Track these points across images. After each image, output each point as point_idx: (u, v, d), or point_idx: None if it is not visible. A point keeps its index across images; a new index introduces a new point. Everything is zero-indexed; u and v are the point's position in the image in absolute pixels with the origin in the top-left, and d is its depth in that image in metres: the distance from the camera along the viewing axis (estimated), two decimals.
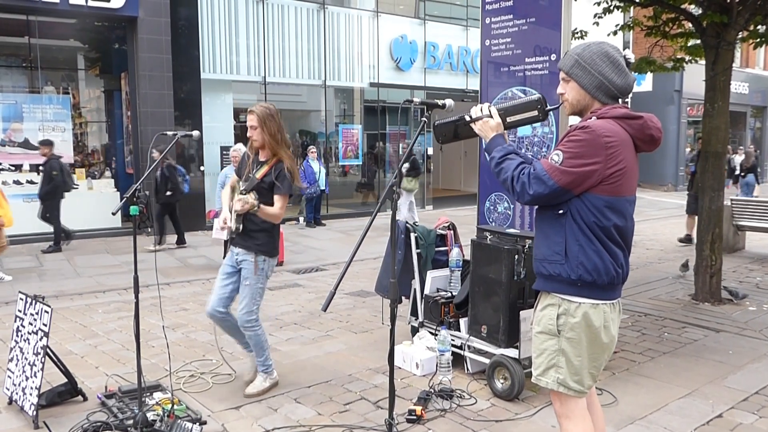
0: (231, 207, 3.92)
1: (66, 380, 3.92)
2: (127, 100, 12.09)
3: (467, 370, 4.44)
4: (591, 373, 2.42)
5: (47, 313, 3.65)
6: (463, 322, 4.45)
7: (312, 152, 12.53)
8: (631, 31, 8.52)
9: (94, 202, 11.03)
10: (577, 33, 7.84)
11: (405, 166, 12.09)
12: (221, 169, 10.07)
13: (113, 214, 4.06)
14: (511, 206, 4.98)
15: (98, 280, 7.80)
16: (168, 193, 9.61)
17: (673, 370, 4.58)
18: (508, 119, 2.58)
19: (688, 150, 20.35)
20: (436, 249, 5.00)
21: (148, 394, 3.87)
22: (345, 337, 5.43)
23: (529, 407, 3.90)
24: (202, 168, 12.25)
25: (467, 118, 2.62)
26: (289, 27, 13.44)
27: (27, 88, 11.37)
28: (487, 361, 4.19)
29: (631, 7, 7.63)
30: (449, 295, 4.67)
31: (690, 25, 7.03)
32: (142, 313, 3.84)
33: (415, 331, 4.87)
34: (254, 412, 3.85)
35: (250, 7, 12.82)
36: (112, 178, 12.41)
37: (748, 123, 26.98)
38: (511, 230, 4.41)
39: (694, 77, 12.87)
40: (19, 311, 3.95)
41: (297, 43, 13.55)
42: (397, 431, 3.43)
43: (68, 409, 3.84)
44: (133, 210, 3.50)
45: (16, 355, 3.91)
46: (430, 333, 4.64)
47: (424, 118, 2.76)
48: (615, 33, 8.08)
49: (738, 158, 17.09)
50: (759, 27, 7.42)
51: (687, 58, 8.33)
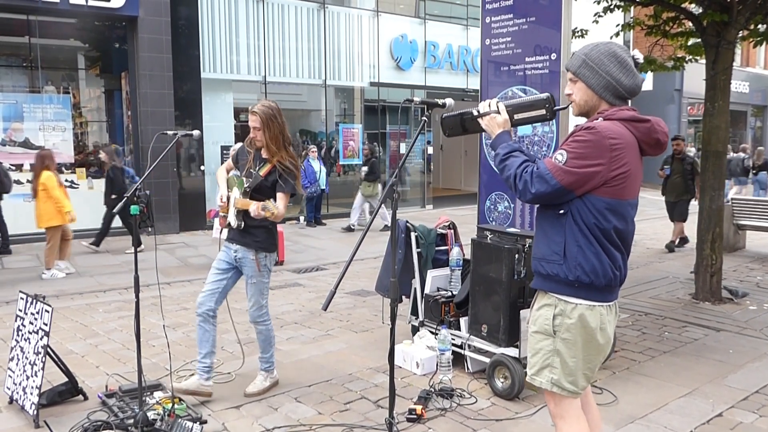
0: (236, 204, 3.89)
1: (66, 379, 3.93)
2: (127, 100, 12.08)
3: (467, 369, 4.44)
4: (585, 374, 2.42)
5: (48, 312, 3.65)
6: (464, 322, 4.46)
7: (312, 152, 12.54)
8: (632, 31, 8.51)
9: (94, 202, 11.01)
10: (578, 32, 7.84)
11: (363, 170, 12.08)
12: None
13: (113, 214, 4.06)
14: (512, 205, 4.98)
15: (99, 280, 7.80)
16: (113, 196, 9.03)
17: (673, 369, 4.58)
18: (516, 116, 2.56)
19: (693, 150, 20.30)
20: (437, 248, 5.00)
21: (149, 394, 3.87)
22: (345, 337, 5.44)
23: (530, 406, 3.90)
24: (202, 167, 12.25)
25: (475, 113, 2.62)
26: (290, 26, 13.43)
27: (27, 87, 11.35)
28: (487, 360, 4.19)
29: (632, 7, 7.62)
30: (449, 294, 4.68)
31: (690, 24, 7.02)
32: (143, 313, 3.84)
33: (415, 331, 4.87)
34: (255, 412, 3.85)
35: (250, 7, 12.82)
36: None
37: (749, 122, 26.96)
38: (512, 229, 4.41)
39: (695, 76, 12.88)
40: (20, 310, 3.96)
41: (297, 42, 13.55)
42: (397, 430, 3.43)
43: (69, 409, 3.84)
44: (134, 209, 3.51)
45: (17, 355, 3.92)
46: (431, 332, 4.65)
47: (424, 118, 2.76)
48: (617, 34, 8.08)
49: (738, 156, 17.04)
50: (759, 26, 7.41)
51: (687, 57, 8.32)
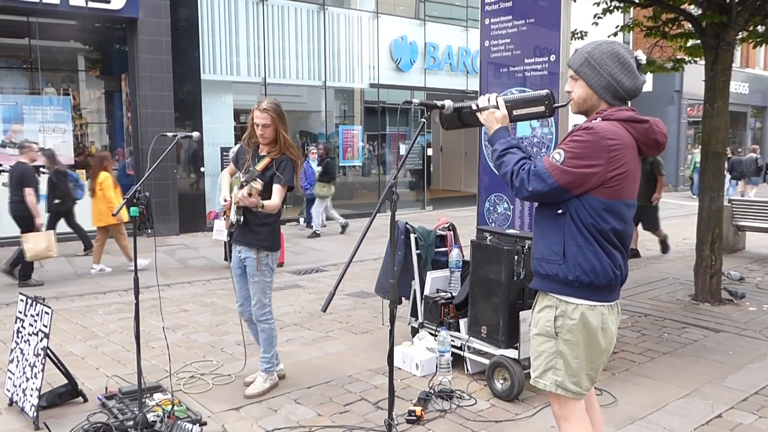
0: (235, 200, 3.90)
1: (66, 381, 3.93)
2: (127, 101, 12.09)
3: (467, 370, 4.44)
4: (589, 375, 2.41)
5: (47, 314, 3.65)
6: (463, 323, 4.46)
7: (312, 153, 12.53)
8: (631, 32, 8.51)
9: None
10: (577, 34, 7.84)
11: (318, 170, 12.03)
12: (221, 170, 10.06)
13: (113, 215, 4.07)
14: (511, 207, 4.98)
15: (98, 282, 7.81)
16: (56, 201, 8.87)
17: (672, 371, 4.58)
18: (515, 112, 2.55)
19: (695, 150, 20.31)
20: (436, 250, 5.00)
21: (149, 395, 3.88)
22: (345, 338, 5.44)
23: (529, 408, 3.90)
24: (202, 169, 12.25)
25: (474, 107, 2.62)
26: (289, 28, 13.44)
27: (27, 89, 11.36)
28: (486, 361, 4.19)
29: (631, 8, 7.63)
30: (449, 295, 4.68)
31: (689, 26, 7.03)
32: (143, 315, 3.85)
33: (414, 332, 4.87)
34: (254, 413, 3.85)
35: (250, 8, 12.83)
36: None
37: (749, 123, 26.96)
38: (511, 231, 4.40)
39: (694, 77, 12.90)
40: (20, 312, 3.96)
41: (297, 44, 13.55)
42: None
43: (68, 410, 3.84)
44: (134, 211, 3.52)
45: (17, 357, 3.92)
46: (430, 334, 4.65)
47: (424, 119, 2.76)
48: (615, 35, 8.07)
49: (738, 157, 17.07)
50: (758, 27, 7.42)
51: (687, 59, 8.33)
